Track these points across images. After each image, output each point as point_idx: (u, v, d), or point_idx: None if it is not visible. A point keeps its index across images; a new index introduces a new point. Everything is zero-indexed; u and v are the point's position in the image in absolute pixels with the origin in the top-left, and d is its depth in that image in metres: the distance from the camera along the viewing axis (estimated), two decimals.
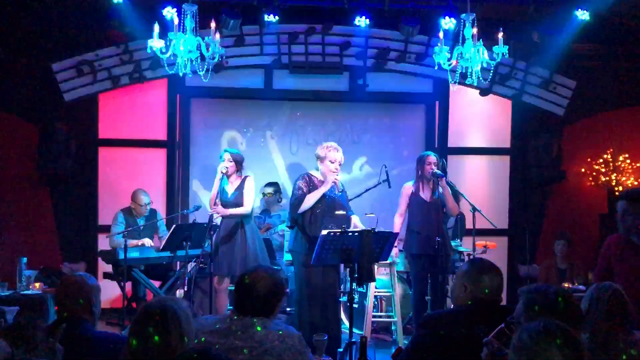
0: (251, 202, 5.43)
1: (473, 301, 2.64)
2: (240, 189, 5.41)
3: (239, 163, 5.42)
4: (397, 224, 5.55)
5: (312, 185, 4.93)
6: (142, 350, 2.04)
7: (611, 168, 7.41)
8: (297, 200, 4.90)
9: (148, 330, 2.05)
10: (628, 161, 7.41)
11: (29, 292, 5.50)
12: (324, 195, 4.89)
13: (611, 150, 7.48)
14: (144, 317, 2.10)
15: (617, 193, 7.42)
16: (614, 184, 7.39)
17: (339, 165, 4.98)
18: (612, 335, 2.74)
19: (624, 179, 7.39)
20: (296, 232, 5.02)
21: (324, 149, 5.01)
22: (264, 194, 6.88)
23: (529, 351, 1.75)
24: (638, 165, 7.44)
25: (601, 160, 7.47)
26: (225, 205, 5.32)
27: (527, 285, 2.43)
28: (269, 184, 6.90)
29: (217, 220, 5.42)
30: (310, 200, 4.87)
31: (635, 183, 7.41)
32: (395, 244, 5.05)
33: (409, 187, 5.59)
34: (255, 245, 5.39)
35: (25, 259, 5.78)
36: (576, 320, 2.17)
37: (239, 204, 5.34)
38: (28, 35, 6.88)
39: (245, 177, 5.47)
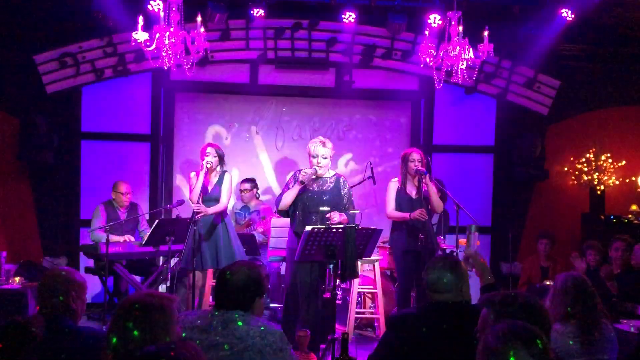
0: (228, 197, 5.45)
1: (433, 302, 2.67)
2: (219, 184, 5.39)
3: (222, 158, 5.41)
4: (398, 215, 5.46)
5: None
6: (123, 346, 2.01)
7: (593, 167, 7.49)
8: (278, 197, 4.99)
9: (128, 326, 2.02)
10: (610, 161, 7.50)
11: (9, 286, 5.44)
12: (305, 192, 4.88)
13: (593, 149, 7.56)
14: (123, 312, 2.07)
15: (599, 192, 7.51)
16: (596, 183, 7.48)
17: (324, 158, 4.89)
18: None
19: (605, 178, 7.47)
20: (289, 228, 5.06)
21: (309, 144, 5.03)
22: (241, 191, 6.82)
23: (498, 353, 1.72)
24: (619, 164, 7.53)
25: (584, 160, 7.54)
26: (204, 200, 5.29)
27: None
28: (246, 180, 6.84)
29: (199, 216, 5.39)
30: (286, 197, 4.89)
31: (617, 182, 7.51)
32: None
33: (394, 182, 5.60)
34: (237, 240, 5.44)
35: (5, 253, 5.71)
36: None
37: (217, 198, 5.33)
38: (10, 26, 6.77)
39: (224, 172, 5.46)
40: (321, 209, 4.80)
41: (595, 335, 3.02)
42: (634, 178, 7.63)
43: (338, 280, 4.22)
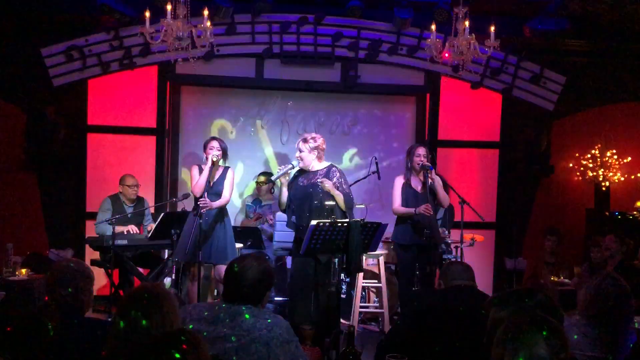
0: (231, 192, 5.48)
1: (454, 285, 3.19)
2: (222, 179, 5.41)
3: (225, 152, 5.43)
4: (404, 210, 5.48)
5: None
6: (129, 332, 2.04)
7: (598, 163, 7.48)
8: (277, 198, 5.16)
9: (134, 314, 2.05)
10: (615, 157, 7.49)
11: (16, 278, 5.49)
12: (298, 187, 4.94)
13: (599, 145, 7.54)
14: (130, 301, 2.10)
15: (604, 188, 7.50)
16: (601, 179, 7.46)
17: (301, 152, 5.00)
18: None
19: (610, 174, 7.46)
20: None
21: None
22: (257, 182, 6.90)
23: (516, 342, 1.78)
24: (625, 161, 7.51)
25: (589, 156, 7.53)
26: (207, 194, 5.30)
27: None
28: (263, 173, 6.90)
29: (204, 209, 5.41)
30: (280, 197, 5.06)
31: (622, 179, 7.49)
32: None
33: (400, 178, 5.62)
34: (232, 242, 5.48)
35: (11, 245, 5.75)
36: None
37: (219, 193, 5.36)
38: (17, 19, 6.80)
39: (227, 167, 5.48)
40: (326, 203, 4.83)
41: (616, 335, 3.01)
42: (639, 174, 7.62)
43: (343, 275, 4.25)
